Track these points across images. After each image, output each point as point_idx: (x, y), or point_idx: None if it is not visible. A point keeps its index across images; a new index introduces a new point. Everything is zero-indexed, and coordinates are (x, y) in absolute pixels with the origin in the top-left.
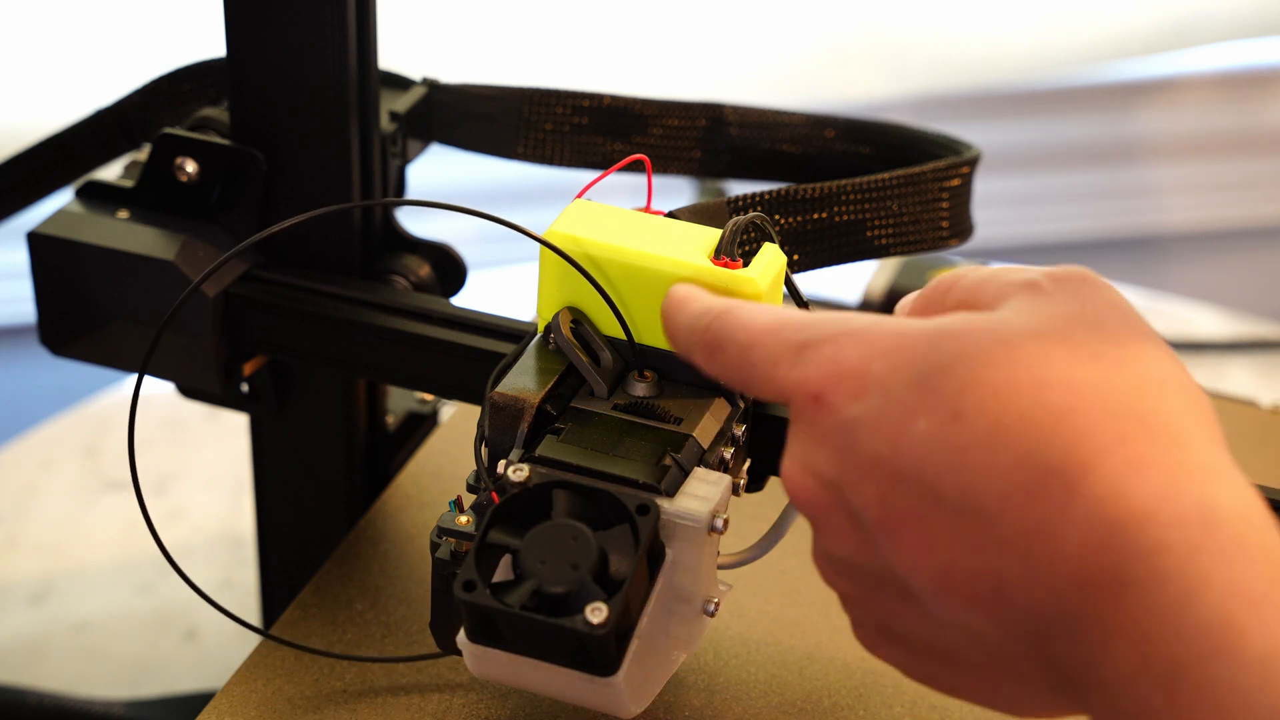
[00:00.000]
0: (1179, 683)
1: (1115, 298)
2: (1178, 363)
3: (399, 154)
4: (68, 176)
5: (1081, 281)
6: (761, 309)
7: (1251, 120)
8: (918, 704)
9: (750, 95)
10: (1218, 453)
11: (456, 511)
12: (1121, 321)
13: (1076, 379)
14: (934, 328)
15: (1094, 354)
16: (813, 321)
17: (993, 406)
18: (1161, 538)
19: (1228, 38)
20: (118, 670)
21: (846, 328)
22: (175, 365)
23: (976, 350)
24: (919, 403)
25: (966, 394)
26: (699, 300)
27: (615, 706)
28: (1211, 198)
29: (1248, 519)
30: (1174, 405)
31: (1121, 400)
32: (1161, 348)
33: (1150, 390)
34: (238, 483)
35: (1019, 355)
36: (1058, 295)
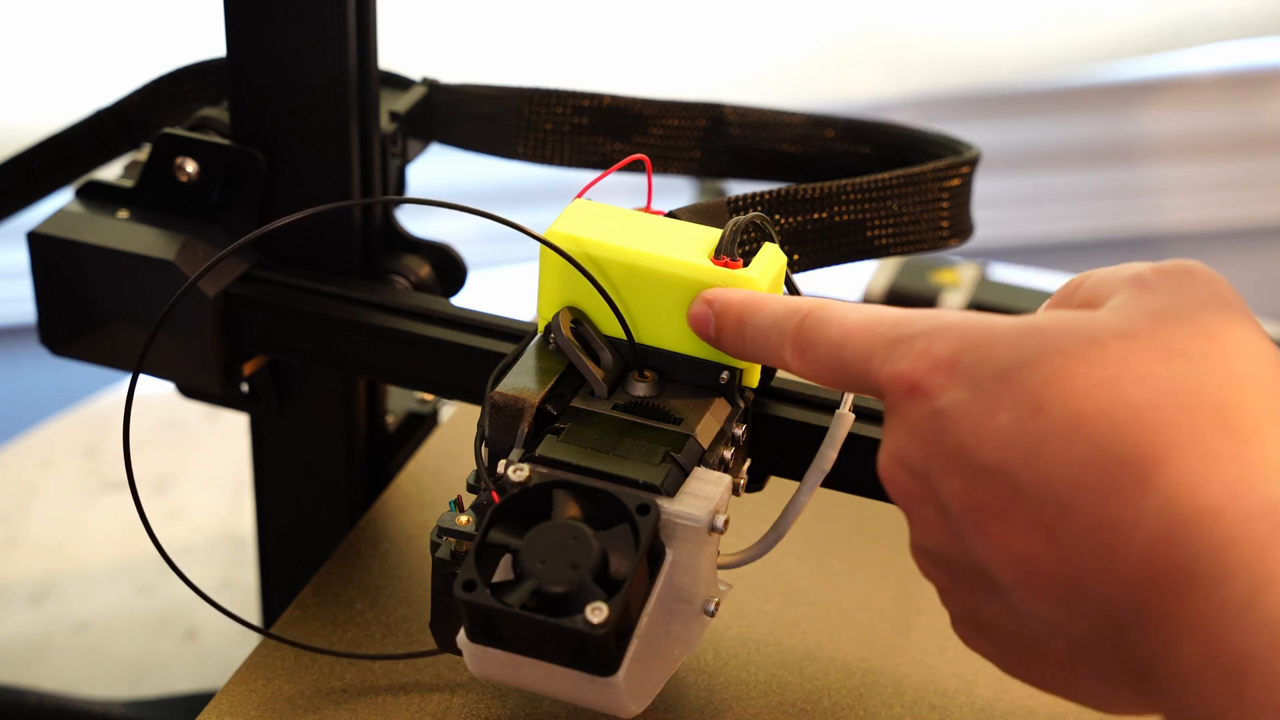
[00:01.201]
0: (1245, 678)
1: (1219, 289)
2: (1273, 358)
3: (399, 154)
4: (68, 176)
5: (1186, 274)
6: (852, 307)
7: (1251, 120)
8: (918, 704)
9: (750, 95)
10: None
11: (456, 511)
12: (1218, 315)
13: (1157, 375)
14: (1023, 324)
15: (1180, 350)
16: (906, 317)
17: (1072, 401)
18: (1229, 534)
19: (1228, 38)
20: (118, 670)
21: (939, 322)
22: (175, 365)
23: (1061, 346)
24: (1003, 395)
25: (1048, 388)
26: (779, 301)
27: (615, 706)
28: (1211, 198)
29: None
30: (1255, 400)
31: (1200, 395)
32: (1256, 342)
33: (1232, 385)
34: (238, 483)
35: (1104, 352)
36: (1160, 288)
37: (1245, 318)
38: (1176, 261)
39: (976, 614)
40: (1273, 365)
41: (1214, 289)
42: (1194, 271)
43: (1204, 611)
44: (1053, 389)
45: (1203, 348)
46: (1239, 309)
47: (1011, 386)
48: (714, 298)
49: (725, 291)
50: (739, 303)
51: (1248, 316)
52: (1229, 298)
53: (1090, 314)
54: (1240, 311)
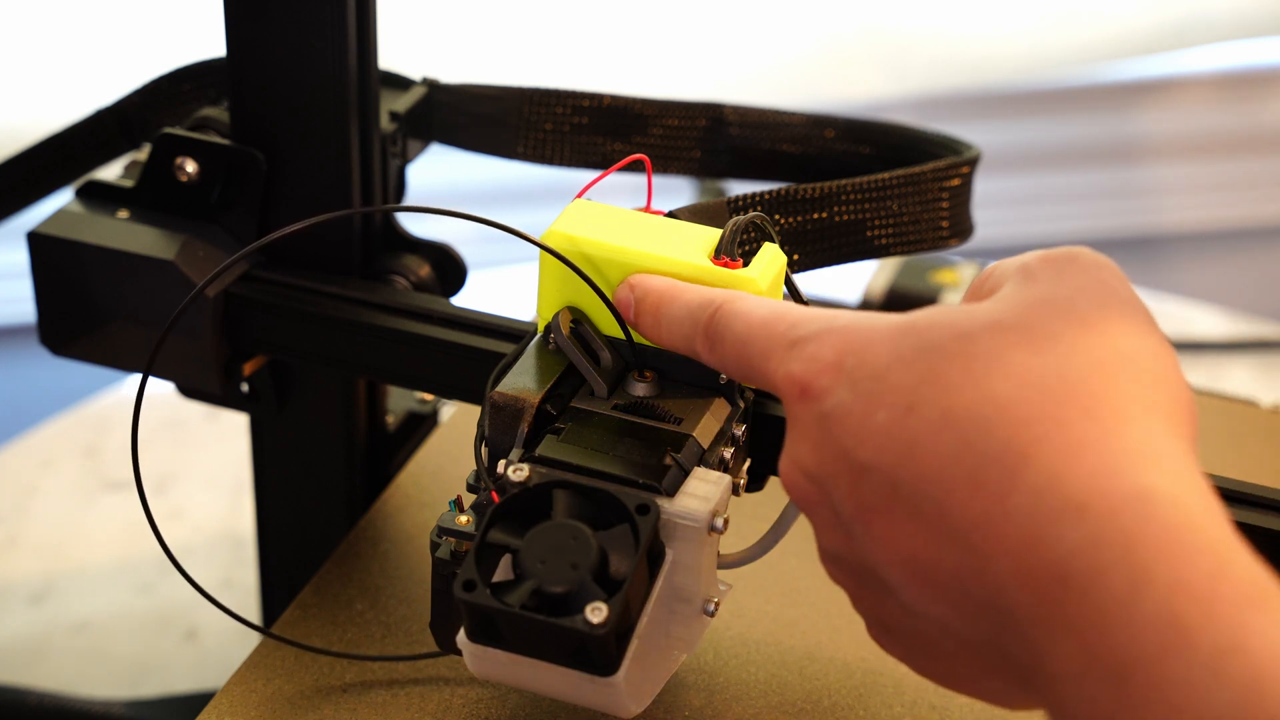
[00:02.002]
0: (1129, 682)
1: (1102, 276)
2: (1151, 345)
3: (399, 154)
4: (68, 176)
5: (1070, 261)
6: (759, 303)
7: (1251, 120)
8: (918, 704)
9: (750, 95)
10: (1163, 437)
11: (456, 511)
12: (1096, 302)
13: (1026, 366)
14: (902, 322)
15: (1050, 338)
16: (804, 318)
17: (943, 398)
18: (1097, 530)
19: (1228, 38)
20: (118, 670)
21: (829, 324)
22: (175, 365)
23: (934, 342)
24: (880, 395)
25: (922, 386)
26: (695, 292)
27: (615, 706)
28: (1211, 198)
29: (1185, 506)
30: (1123, 388)
31: (1067, 385)
32: (1132, 329)
33: (1101, 372)
34: (238, 483)
35: (976, 347)
36: (1042, 277)
37: (1125, 304)
38: (1063, 249)
39: (880, 616)
40: (1148, 352)
41: (1097, 275)
42: (1077, 259)
43: (1081, 612)
44: (926, 387)
45: (1074, 336)
46: (1121, 296)
47: (888, 385)
48: (636, 283)
49: (646, 278)
50: (657, 290)
51: (1129, 303)
52: (1112, 284)
53: (969, 307)
54: (1122, 299)
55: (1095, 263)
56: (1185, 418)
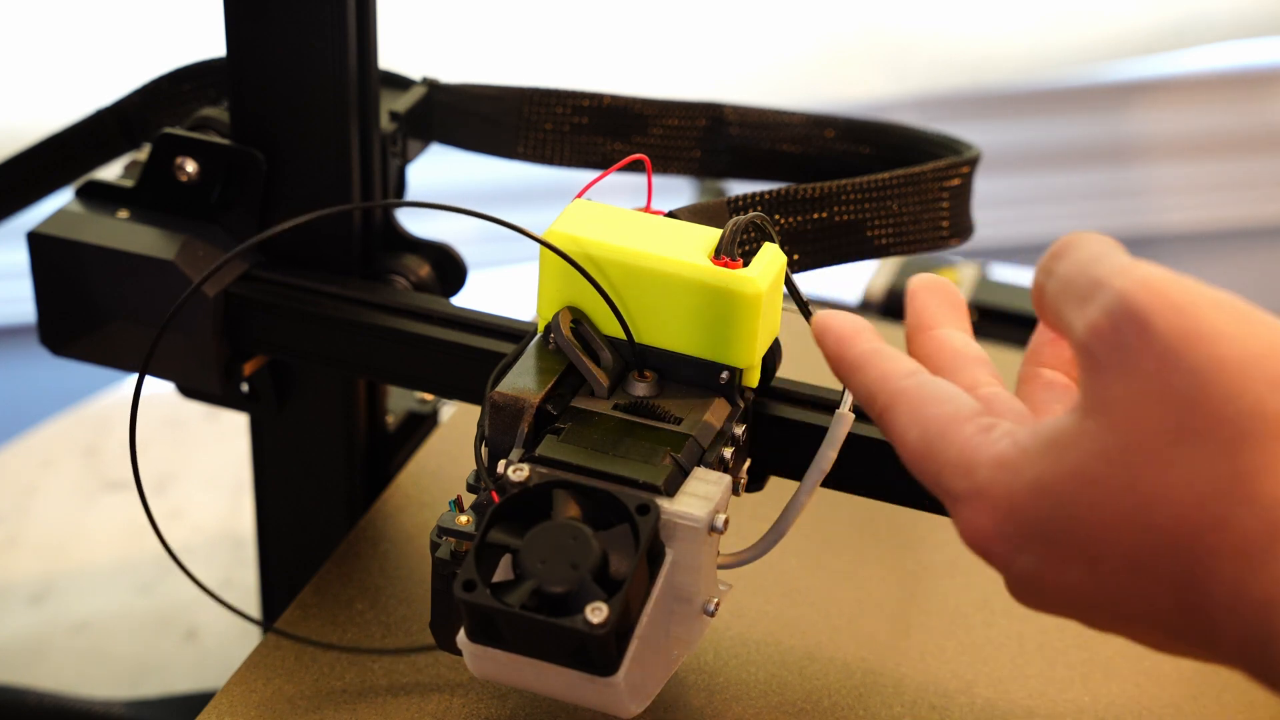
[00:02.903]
0: None
1: (1168, 330)
2: (1267, 369)
3: (399, 154)
4: (68, 176)
5: (1129, 329)
6: (914, 418)
7: (1251, 120)
8: (918, 704)
9: (750, 95)
10: None
11: (456, 511)
12: (1181, 370)
13: (1168, 482)
14: (1036, 481)
15: (1178, 454)
16: (950, 466)
17: (1118, 544)
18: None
19: (1228, 38)
20: (118, 670)
21: (974, 484)
22: (175, 365)
23: (1074, 498)
24: (1056, 556)
25: (1089, 547)
26: (869, 370)
27: (615, 706)
28: (1211, 198)
29: None
30: (1257, 460)
31: (1216, 487)
32: (1239, 371)
33: (1230, 455)
34: (238, 483)
35: (1110, 485)
36: (1113, 372)
37: (1212, 338)
38: (1112, 309)
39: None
40: (1265, 379)
41: (1161, 325)
42: (1132, 317)
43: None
44: (1092, 547)
45: (1192, 424)
46: (1199, 329)
47: (1056, 546)
48: (818, 325)
49: (831, 334)
50: (837, 357)
51: (1211, 323)
52: (1180, 322)
53: (1076, 441)
54: (1203, 331)
55: (1150, 307)
56: None
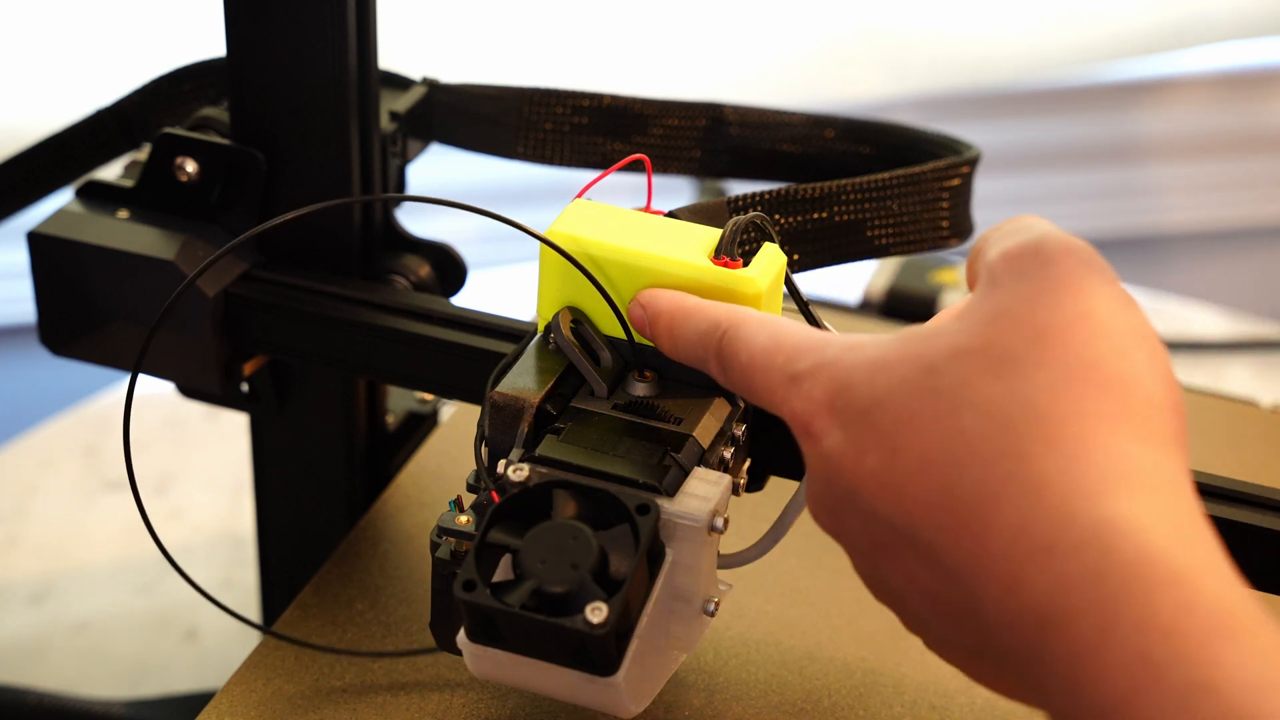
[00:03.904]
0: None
1: (1065, 270)
2: (1118, 344)
3: (399, 154)
4: (68, 176)
5: (1032, 257)
6: (759, 328)
7: (1251, 120)
8: (918, 704)
9: (750, 95)
10: (1132, 451)
11: (456, 511)
12: (1056, 306)
13: (989, 396)
14: (879, 357)
15: (1009, 361)
16: (799, 349)
17: (918, 441)
18: (1065, 572)
19: (1228, 38)
20: (118, 670)
21: (822, 359)
22: (175, 365)
23: (905, 379)
24: (866, 439)
25: (900, 429)
26: (702, 314)
27: (615, 706)
28: (1211, 198)
29: (1148, 532)
30: (1086, 406)
31: (1028, 413)
32: (1098, 329)
33: (1061, 393)
34: (238, 483)
35: (942, 381)
36: (1004, 282)
37: (1089, 300)
38: (1028, 241)
39: (914, 626)
40: (1113, 354)
41: (1060, 271)
42: (1040, 252)
43: (1059, 655)
44: (903, 429)
45: (1033, 353)
46: (1085, 290)
47: (872, 427)
48: (646, 302)
49: (655, 295)
50: (668, 311)
51: (1095, 296)
52: (1075, 278)
53: (936, 330)
54: (1086, 293)
55: (1061, 253)
56: (1163, 416)
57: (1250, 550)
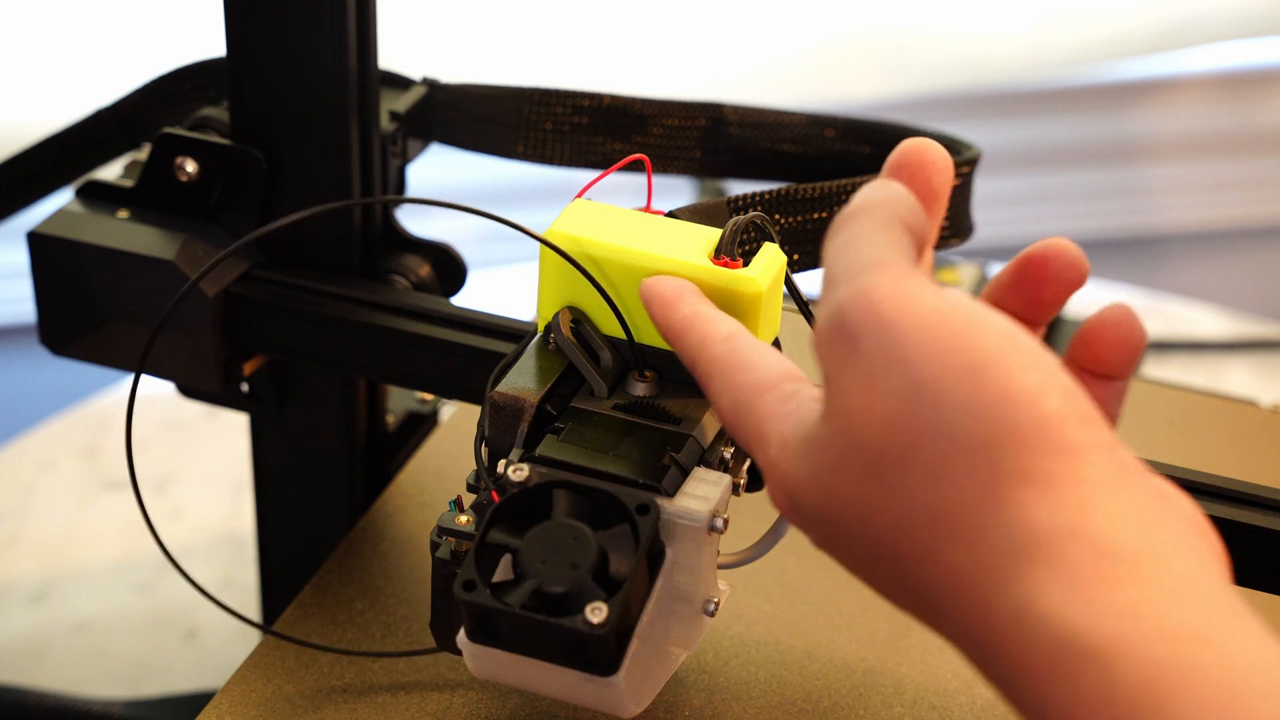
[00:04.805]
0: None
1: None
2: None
3: (399, 154)
4: (68, 176)
5: (839, 342)
6: (724, 384)
7: (1251, 120)
8: (918, 704)
9: (750, 95)
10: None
11: (456, 511)
12: (887, 393)
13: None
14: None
15: (880, 464)
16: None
17: (859, 546)
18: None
19: (1228, 38)
20: (118, 670)
21: (768, 457)
22: (175, 365)
23: (823, 497)
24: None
25: (845, 532)
26: (689, 336)
27: (615, 706)
28: (1211, 198)
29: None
30: (963, 485)
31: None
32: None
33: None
34: (238, 483)
35: (842, 494)
36: (834, 375)
37: (912, 361)
38: (830, 319)
39: None
40: (962, 407)
41: (870, 344)
42: (843, 329)
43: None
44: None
45: (897, 450)
46: (902, 350)
47: (824, 532)
48: (644, 292)
49: (654, 289)
50: (662, 322)
51: (913, 346)
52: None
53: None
54: (904, 354)
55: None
56: (1042, 428)
57: (1250, 550)
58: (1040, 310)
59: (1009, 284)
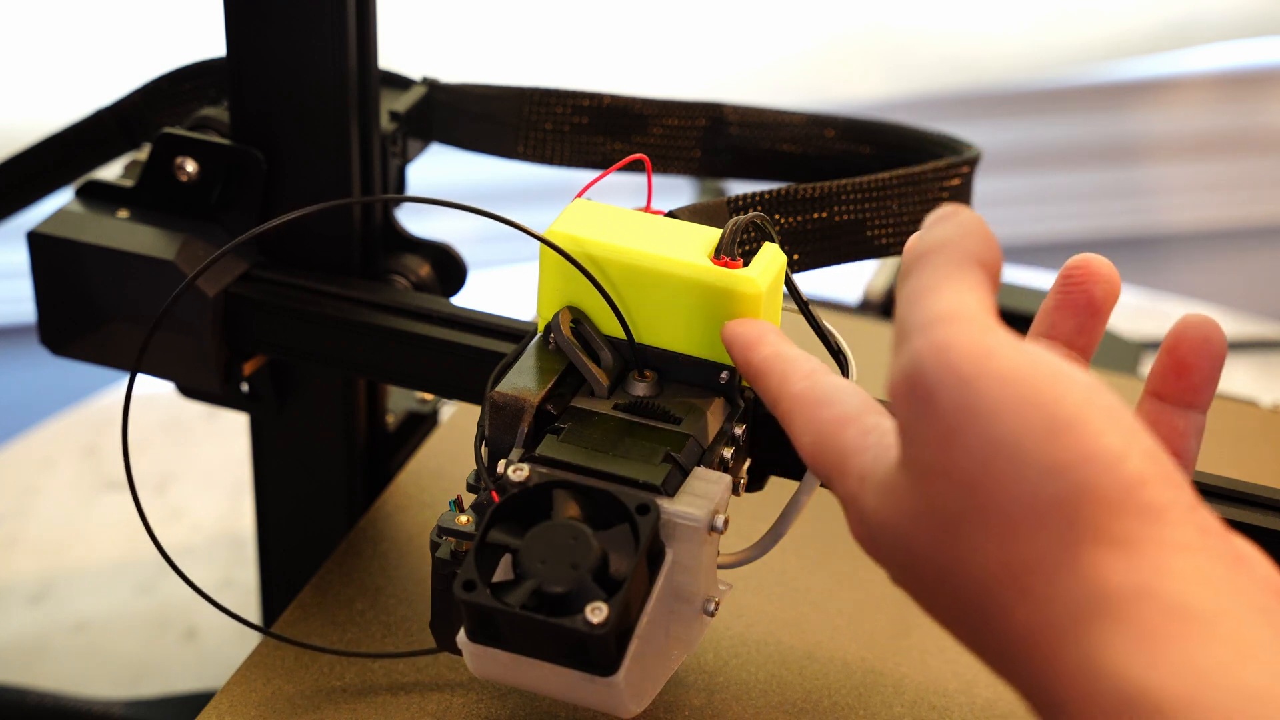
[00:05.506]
0: None
1: (951, 405)
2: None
3: (399, 154)
4: (68, 176)
5: (918, 396)
6: (806, 421)
7: (1251, 120)
8: (918, 704)
9: (750, 95)
10: (1099, 566)
11: (456, 511)
12: (963, 450)
13: (957, 562)
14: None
15: (955, 521)
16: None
17: (937, 594)
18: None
19: (1228, 38)
20: (118, 670)
21: (847, 490)
22: (175, 365)
23: (900, 544)
24: (904, 579)
25: (918, 580)
26: (767, 380)
27: (615, 706)
28: (1211, 198)
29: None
30: (1039, 541)
31: (997, 569)
32: (1013, 453)
33: (1014, 536)
34: (238, 483)
35: (920, 543)
36: (910, 429)
37: (991, 414)
38: (906, 372)
39: None
40: (1039, 468)
41: (947, 400)
42: (920, 384)
43: None
44: (917, 577)
45: (973, 512)
46: (983, 405)
47: (902, 573)
48: (726, 335)
49: (740, 336)
50: (745, 364)
51: (990, 401)
52: (967, 399)
53: (897, 489)
54: (984, 409)
55: (938, 377)
56: (1124, 491)
57: None
58: (1095, 327)
59: (1055, 306)
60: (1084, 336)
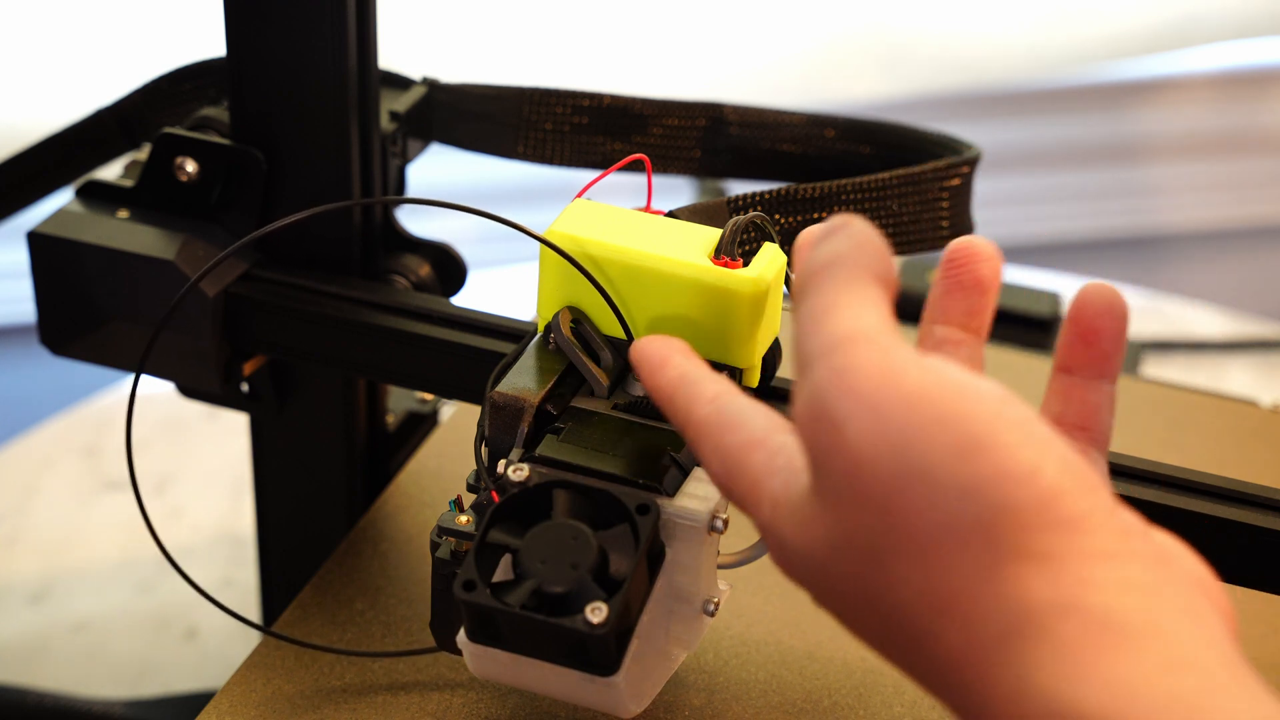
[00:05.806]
0: None
1: (858, 433)
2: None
3: (399, 154)
4: (68, 176)
5: (822, 424)
6: (715, 444)
7: (1251, 120)
8: (918, 704)
9: (750, 95)
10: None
11: (456, 511)
12: (875, 477)
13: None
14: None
15: (874, 550)
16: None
17: (861, 619)
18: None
19: (1228, 38)
20: (118, 670)
21: (760, 518)
22: (175, 365)
23: (818, 571)
24: (824, 603)
25: (839, 606)
26: (675, 403)
27: (615, 706)
28: (1211, 198)
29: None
30: (958, 564)
31: (919, 594)
32: (926, 477)
33: (933, 559)
34: (238, 483)
35: (838, 571)
36: (820, 466)
37: (904, 443)
38: (809, 402)
39: None
40: (953, 492)
41: (853, 428)
42: (824, 412)
43: None
44: (838, 603)
45: (889, 539)
46: (891, 432)
47: (822, 597)
48: (633, 355)
49: (644, 346)
50: (651, 386)
51: (901, 424)
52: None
53: (811, 517)
54: (893, 435)
55: (838, 404)
56: (1040, 506)
57: (1250, 550)
58: (985, 307)
59: (944, 292)
60: (976, 319)
